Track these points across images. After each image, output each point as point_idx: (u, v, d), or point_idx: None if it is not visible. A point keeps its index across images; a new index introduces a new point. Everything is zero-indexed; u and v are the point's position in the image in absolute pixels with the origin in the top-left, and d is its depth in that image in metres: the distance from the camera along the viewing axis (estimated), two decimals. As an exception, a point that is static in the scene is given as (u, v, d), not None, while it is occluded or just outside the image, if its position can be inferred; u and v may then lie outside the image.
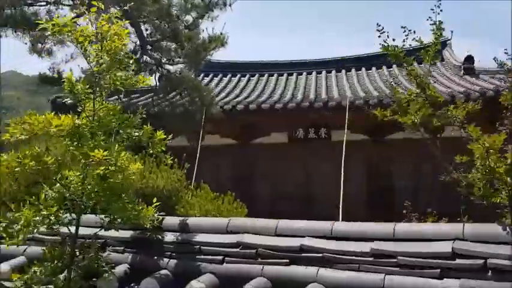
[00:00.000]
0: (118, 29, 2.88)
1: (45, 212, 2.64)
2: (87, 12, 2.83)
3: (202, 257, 2.86)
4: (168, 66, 8.11)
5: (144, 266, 3.03)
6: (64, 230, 2.85)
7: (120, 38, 2.90)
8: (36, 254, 3.44)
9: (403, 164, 10.89)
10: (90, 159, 2.54)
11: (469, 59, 11.61)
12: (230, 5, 7.79)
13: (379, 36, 2.93)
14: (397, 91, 3.20)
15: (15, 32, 6.65)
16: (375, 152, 10.99)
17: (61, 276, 2.71)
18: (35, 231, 2.73)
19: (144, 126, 3.01)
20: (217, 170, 10.34)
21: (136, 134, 3.00)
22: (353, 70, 13.54)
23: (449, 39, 13.50)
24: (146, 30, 7.47)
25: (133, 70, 3.16)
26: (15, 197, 4.09)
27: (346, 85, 12.20)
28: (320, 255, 2.51)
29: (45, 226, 2.75)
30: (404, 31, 2.90)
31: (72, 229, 2.82)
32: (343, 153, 7.27)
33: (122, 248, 3.17)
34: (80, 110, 2.93)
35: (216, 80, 13.89)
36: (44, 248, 2.77)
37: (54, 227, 2.80)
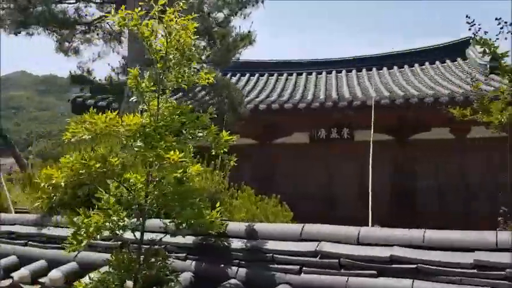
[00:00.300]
0: (186, 22, 2.70)
1: (115, 218, 2.47)
2: (154, 5, 2.64)
3: (276, 266, 2.67)
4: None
5: (209, 274, 2.85)
6: (126, 235, 2.69)
7: (188, 32, 2.72)
8: (88, 260, 3.28)
9: (428, 165, 10.69)
10: (165, 161, 2.37)
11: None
12: (263, 2, 7.60)
13: (469, 29, 2.74)
14: (479, 87, 2.99)
15: (46, 30, 6.50)
16: (400, 152, 10.80)
17: (128, 285, 2.55)
18: (98, 236, 2.57)
19: (211, 126, 2.83)
20: (238, 170, 10.16)
21: (200, 134, 2.82)
22: (374, 69, 13.33)
23: (472, 38, 13.24)
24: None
25: (194, 68, 2.99)
26: (62, 200, 3.95)
27: (368, 84, 12.00)
28: (413, 266, 2.33)
29: (109, 231, 2.59)
30: (499, 23, 2.71)
31: (137, 235, 2.66)
32: (371, 153, 7.09)
33: (184, 254, 2.99)
34: (145, 109, 2.76)
35: (234, 79, 13.71)
36: (111, 255, 2.59)
37: (118, 232, 2.64)
